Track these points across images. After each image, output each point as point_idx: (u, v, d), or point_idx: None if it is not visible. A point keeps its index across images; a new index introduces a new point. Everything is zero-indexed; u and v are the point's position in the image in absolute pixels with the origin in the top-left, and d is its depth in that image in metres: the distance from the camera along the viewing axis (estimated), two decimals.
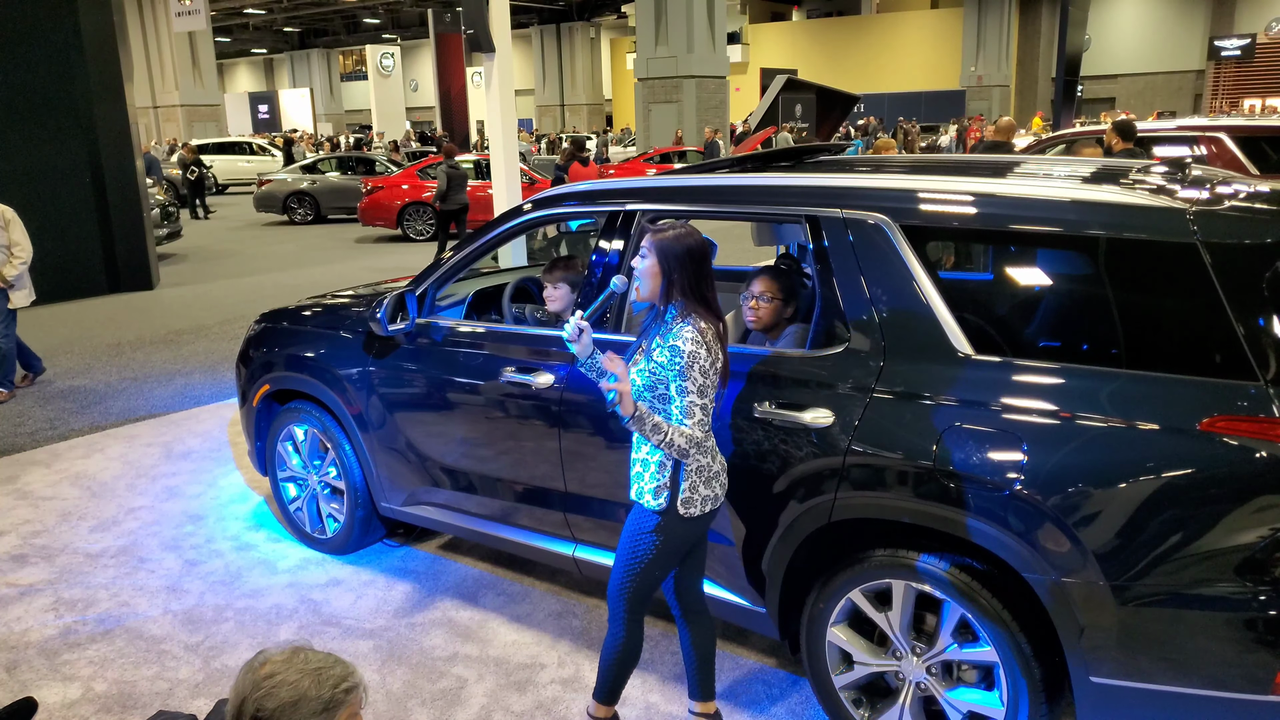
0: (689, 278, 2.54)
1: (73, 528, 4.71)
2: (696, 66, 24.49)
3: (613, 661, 2.79)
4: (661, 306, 2.59)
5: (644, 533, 2.63)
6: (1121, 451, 2.31)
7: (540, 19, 47.30)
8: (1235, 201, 2.58)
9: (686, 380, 2.47)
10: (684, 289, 2.54)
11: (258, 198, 19.72)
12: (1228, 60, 37.19)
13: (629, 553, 2.67)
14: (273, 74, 62.17)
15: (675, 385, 2.49)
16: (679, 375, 2.48)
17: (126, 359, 8.20)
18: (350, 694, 1.66)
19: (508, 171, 8.66)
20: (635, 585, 2.69)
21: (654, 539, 2.62)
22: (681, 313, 2.55)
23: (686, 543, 2.69)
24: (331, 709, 1.63)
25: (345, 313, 4.25)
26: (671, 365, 2.48)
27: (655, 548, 2.63)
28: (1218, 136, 8.41)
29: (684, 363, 2.46)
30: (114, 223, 11.18)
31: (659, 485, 2.59)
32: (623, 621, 2.74)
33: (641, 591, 2.70)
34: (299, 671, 1.64)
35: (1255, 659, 2.24)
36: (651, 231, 2.60)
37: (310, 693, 1.62)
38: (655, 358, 2.53)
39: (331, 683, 1.64)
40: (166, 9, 25.90)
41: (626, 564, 2.68)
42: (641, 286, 2.60)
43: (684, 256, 2.53)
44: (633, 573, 2.68)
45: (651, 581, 2.70)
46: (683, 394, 2.48)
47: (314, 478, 4.34)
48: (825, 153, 4.04)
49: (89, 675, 3.44)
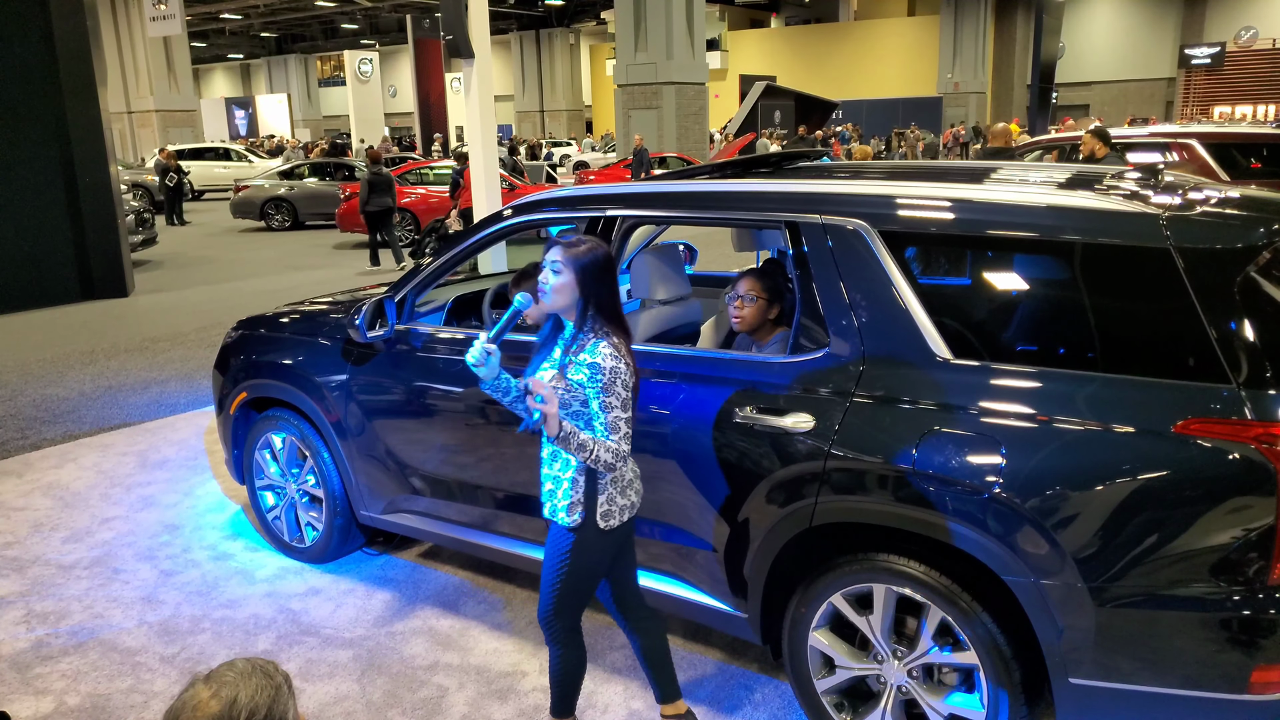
0: (605, 293, 2.52)
1: (45, 538, 4.65)
2: (676, 73, 24.58)
3: (561, 678, 2.78)
4: (577, 323, 2.54)
5: (566, 552, 2.61)
6: (1098, 454, 2.34)
7: (520, 25, 47.34)
8: (1207, 207, 2.61)
9: (610, 396, 2.46)
10: (599, 305, 2.51)
11: (235, 204, 19.57)
12: (1198, 68, 37.72)
13: (555, 574, 2.64)
14: (250, 79, 61.83)
15: (598, 402, 2.47)
16: (601, 392, 2.46)
17: (101, 367, 8.11)
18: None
19: (487, 177, 8.64)
20: (568, 605, 2.67)
21: (577, 557, 2.60)
22: (595, 329, 2.51)
23: (609, 554, 2.67)
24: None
25: (323, 319, 4.22)
26: (593, 383, 2.46)
27: (581, 565, 2.62)
28: (1189, 143, 8.52)
29: (605, 379, 2.45)
30: (88, 229, 11.06)
31: (573, 502, 2.57)
32: (561, 642, 2.72)
33: (575, 610, 2.69)
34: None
35: (1231, 659, 2.26)
36: (563, 246, 2.52)
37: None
38: (571, 375, 2.49)
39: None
40: (141, 13, 25.72)
41: (555, 586, 2.65)
42: (550, 301, 2.53)
43: (600, 273, 2.51)
44: (563, 594, 2.65)
45: (582, 598, 2.69)
46: (607, 410, 2.47)
47: (292, 486, 4.31)
48: (806, 158, 4.06)
49: (62, 689, 3.39)
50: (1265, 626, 2.23)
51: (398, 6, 41.52)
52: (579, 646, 2.77)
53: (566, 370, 2.51)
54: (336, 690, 3.34)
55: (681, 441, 2.99)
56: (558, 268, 2.50)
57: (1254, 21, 37.38)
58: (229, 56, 58.96)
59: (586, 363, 2.47)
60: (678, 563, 3.14)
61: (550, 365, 2.58)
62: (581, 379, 2.48)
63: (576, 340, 2.54)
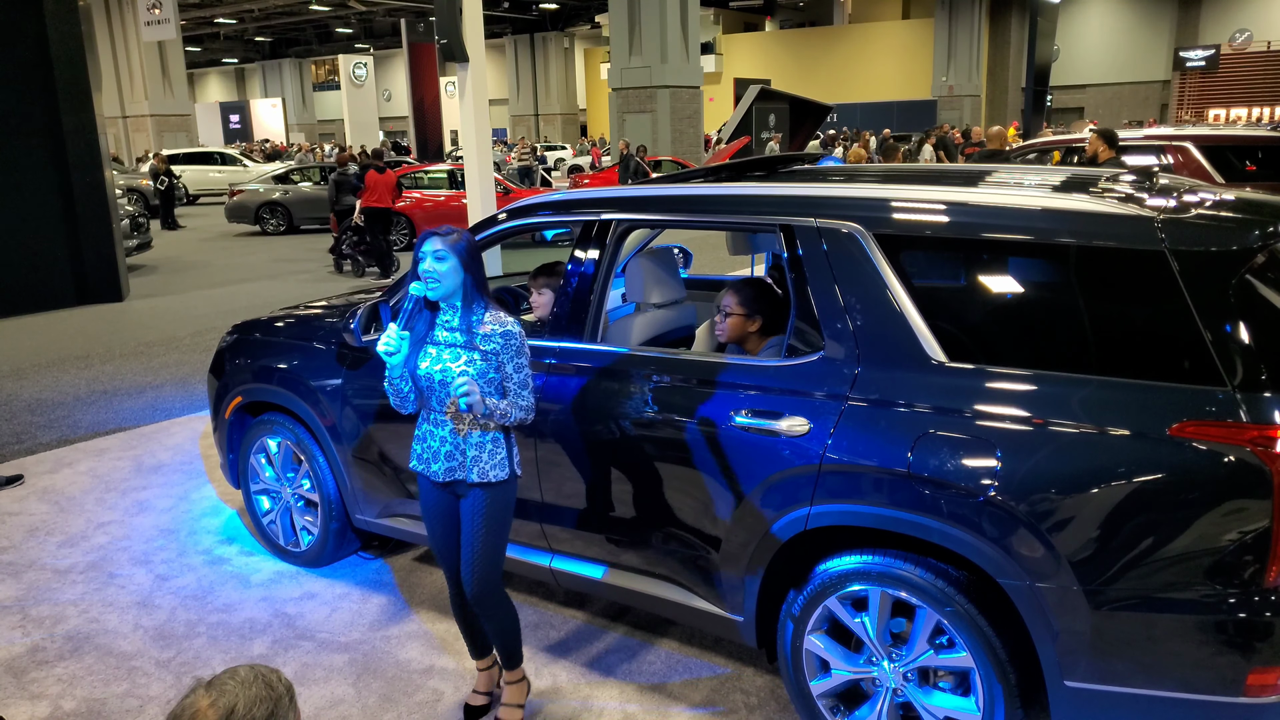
0: (480, 271, 2.85)
1: (40, 543, 4.63)
2: (670, 76, 24.58)
3: (512, 631, 3.04)
4: (465, 299, 2.82)
5: (504, 508, 2.89)
6: (1093, 457, 2.34)
7: (514, 29, 47.34)
8: (1202, 210, 2.62)
9: (522, 356, 2.83)
10: (477, 282, 2.83)
11: (230, 208, 19.55)
12: (1193, 71, 37.84)
13: (497, 535, 2.89)
14: (244, 84, 61.76)
15: (513, 364, 2.81)
16: (516, 354, 2.81)
17: (95, 371, 8.09)
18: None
19: (482, 181, 8.64)
20: (500, 559, 2.94)
21: (509, 509, 2.92)
22: (484, 304, 2.85)
23: (514, 504, 2.96)
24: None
25: (318, 324, 4.21)
26: (508, 348, 2.79)
27: (508, 512, 2.93)
28: (1184, 146, 8.55)
29: (518, 342, 2.81)
30: (82, 233, 11.04)
31: (501, 458, 2.86)
32: (502, 599, 2.98)
33: (502, 562, 2.97)
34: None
35: (1226, 661, 2.26)
36: (439, 237, 2.81)
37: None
38: (481, 347, 2.79)
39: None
40: (136, 18, 25.66)
41: (496, 547, 2.90)
42: (443, 284, 2.79)
43: (475, 253, 2.84)
44: (500, 551, 2.93)
45: (505, 547, 2.98)
46: (520, 370, 2.82)
47: (287, 490, 4.30)
48: (800, 162, 4.07)
49: (57, 693, 3.38)
50: (1261, 629, 2.23)
51: (392, 11, 41.50)
52: (509, 600, 3.04)
53: (477, 344, 2.80)
54: (332, 694, 3.33)
55: (676, 445, 2.99)
56: (440, 255, 2.78)
57: (1248, 24, 37.50)
58: (223, 61, 58.90)
59: (498, 333, 2.79)
60: (673, 567, 3.14)
61: (452, 346, 2.82)
62: (493, 349, 2.79)
63: (470, 317, 2.82)
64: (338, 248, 13.84)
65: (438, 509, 2.99)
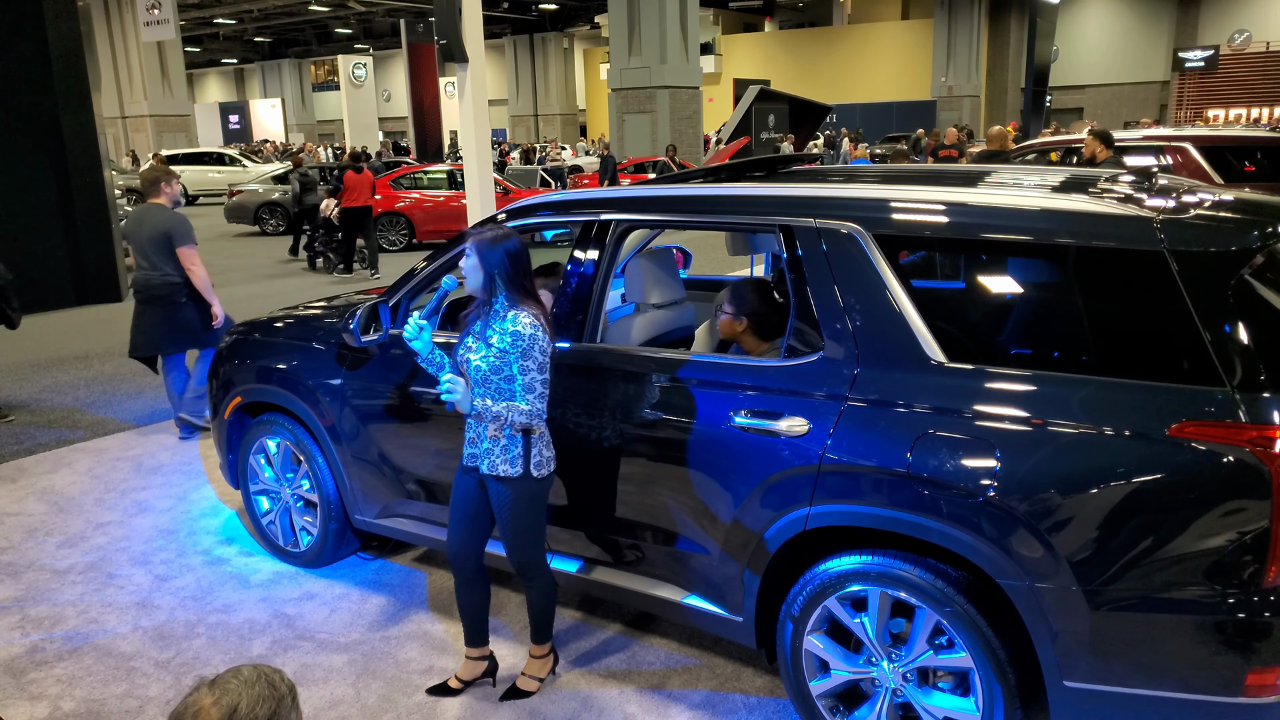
0: (510, 270, 2.89)
1: (39, 544, 4.63)
2: (670, 77, 24.58)
3: (548, 607, 3.22)
4: (487, 296, 2.92)
5: (522, 503, 2.99)
6: (1092, 457, 2.34)
7: (513, 29, 47.34)
8: (1201, 210, 2.62)
9: (529, 360, 2.84)
10: (505, 279, 2.89)
11: (229, 209, 19.56)
12: (1192, 71, 37.83)
13: (521, 525, 3.02)
14: (243, 84, 61.74)
15: (517, 365, 2.85)
16: (520, 357, 2.84)
17: (95, 372, 8.09)
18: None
19: (481, 181, 8.65)
20: (537, 542, 3.09)
21: (530, 501, 3.00)
22: (511, 303, 2.90)
23: (541, 499, 3.05)
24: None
25: (318, 324, 4.21)
26: (514, 348, 2.84)
27: (533, 507, 3.02)
28: (1183, 146, 8.55)
29: (525, 345, 2.83)
30: (81, 234, 11.04)
31: (515, 455, 2.94)
32: (544, 570, 3.15)
33: (541, 544, 3.13)
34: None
35: (1226, 661, 2.26)
36: (472, 234, 2.97)
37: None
38: (495, 344, 2.87)
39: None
40: (135, 18, 25.65)
41: (523, 535, 3.04)
42: (468, 281, 2.93)
43: (500, 250, 2.89)
44: (531, 535, 3.07)
45: (541, 533, 3.12)
46: (525, 373, 2.85)
47: (287, 491, 4.30)
48: (799, 163, 4.07)
49: (57, 694, 3.38)
50: (1260, 629, 2.23)
51: (392, 11, 41.51)
52: (551, 574, 3.22)
53: (489, 340, 2.89)
54: (331, 695, 3.33)
55: (675, 445, 2.99)
56: (467, 252, 2.92)
57: (1247, 24, 37.50)
58: (223, 61, 58.89)
59: (509, 331, 2.85)
60: (672, 567, 3.14)
61: (479, 339, 2.94)
62: (504, 347, 2.85)
63: (494, 313, 2.91)
64: (311, 245, 14.44)
65: (460, 488, 3.13)
